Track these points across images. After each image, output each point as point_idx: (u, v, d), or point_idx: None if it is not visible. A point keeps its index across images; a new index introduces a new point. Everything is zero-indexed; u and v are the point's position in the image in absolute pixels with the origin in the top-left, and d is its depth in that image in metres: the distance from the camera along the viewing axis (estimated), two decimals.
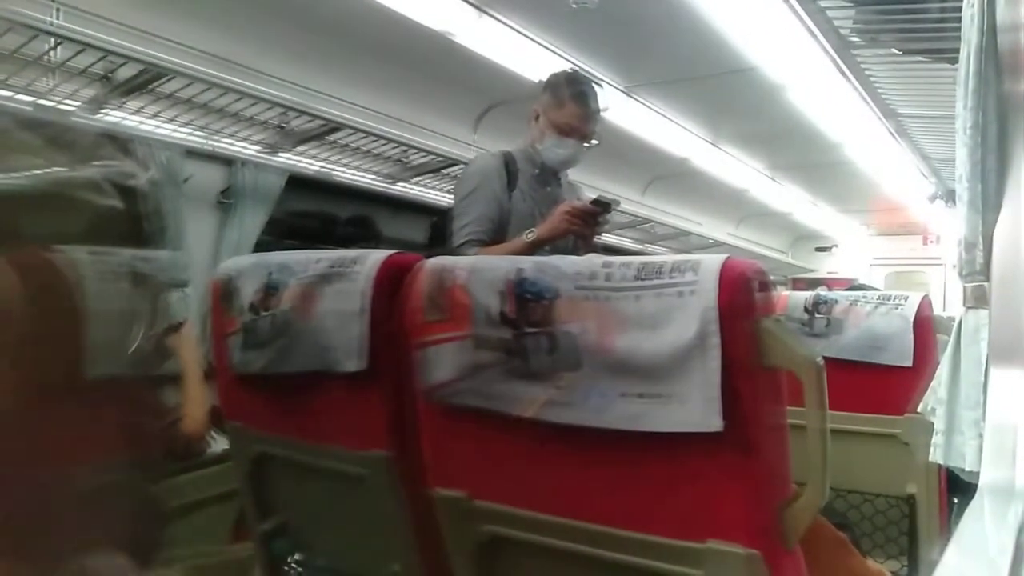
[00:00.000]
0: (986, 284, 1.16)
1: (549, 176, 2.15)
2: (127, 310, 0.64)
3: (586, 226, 1.94)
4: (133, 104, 2.30)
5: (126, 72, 2.16)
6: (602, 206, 1.95)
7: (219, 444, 1.97)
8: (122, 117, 2.30)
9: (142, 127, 2.35)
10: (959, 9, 1.17)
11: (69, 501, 0.59)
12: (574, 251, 2.01)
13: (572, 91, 2.05)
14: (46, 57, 2.04)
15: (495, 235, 2.00)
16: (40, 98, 2.10)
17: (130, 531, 0.67)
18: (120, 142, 0.70)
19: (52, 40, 1.99)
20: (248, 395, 1.37)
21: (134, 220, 0.67)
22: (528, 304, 0.98)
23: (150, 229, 0.71)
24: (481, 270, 1.04)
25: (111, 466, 0.63)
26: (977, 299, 1.18)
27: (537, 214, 2.06)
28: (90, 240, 0.62)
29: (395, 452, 1.17)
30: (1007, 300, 1.11)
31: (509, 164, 2.08)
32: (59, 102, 2.15)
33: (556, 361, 0.96)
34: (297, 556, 1.37)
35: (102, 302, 0.60)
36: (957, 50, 1.17)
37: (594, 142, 2.10)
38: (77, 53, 2.02)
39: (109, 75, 2.17)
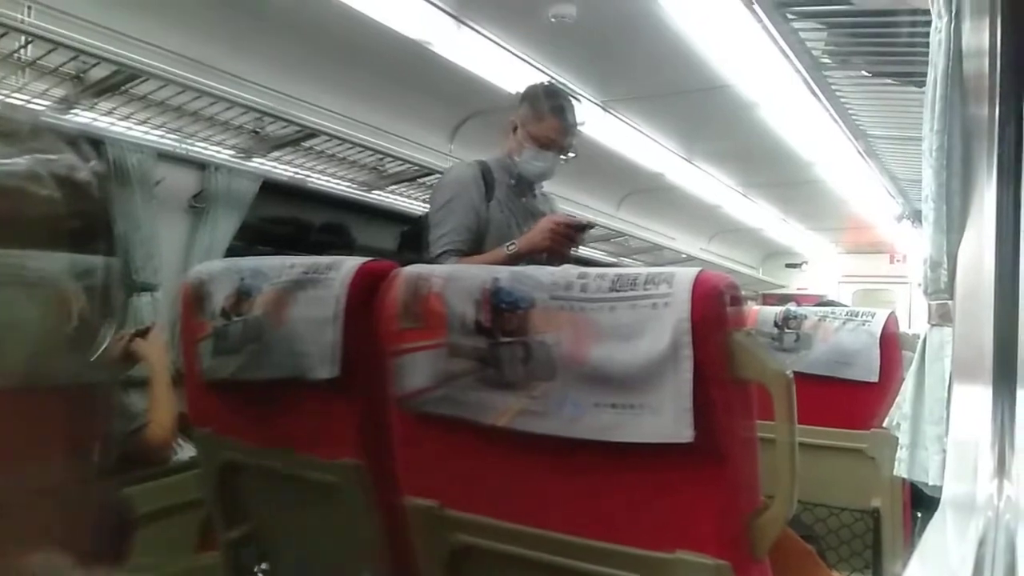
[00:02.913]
0: (950, 302, 1.18)
1: (525, 187, 2.16)
2: (31, 316, 0.62)
3: (565, 243, 1.96)
4: (105, 105, 2.27)
5: (98, 72, 2.13)
6: (581, 228, 1.98)
7: (186, 451, 1.94)
8: (93, 118, 2.27)
9: (114, 128, 2.32)
10: (927, 35, 1.20)
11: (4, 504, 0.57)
12: (548, 263, 2.02)
13: (551, 104, 2.07)
14: (16, 55, 2.01)
15: (472, 245, 2.00)
16: (9, 96, 2.06)
17: (90, 538, 0.66)
18: (64, 134, 0.67)
19: (23, 38, 1.95)
20: (217, 401, 1.35)
21: (75, 215, 0.65)
22: (503, 313, 0.98)
23: (95, 225, 0.69)
24: (457, 279, 1.04)
25: (57, 470, 0.62)
26: (941, 317, 1.21)
27: (514, 224, 2.06)
28: (23, 234, 0.60)
29: (367, 460, 1.16)
30: (970, 318, 1.14)
31: (486, 174, 2.08)
32: (29, 101, 2.11)
33: (530, 371, 0.96)
34: (264, 565, 1.35)
35: None
36: (925, 74, 1.20)
37: (571, 155, 2.12)
38: (48, 52, 1.99)
39: (81, 75, 2.14)
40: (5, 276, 0.58)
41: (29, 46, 2.00)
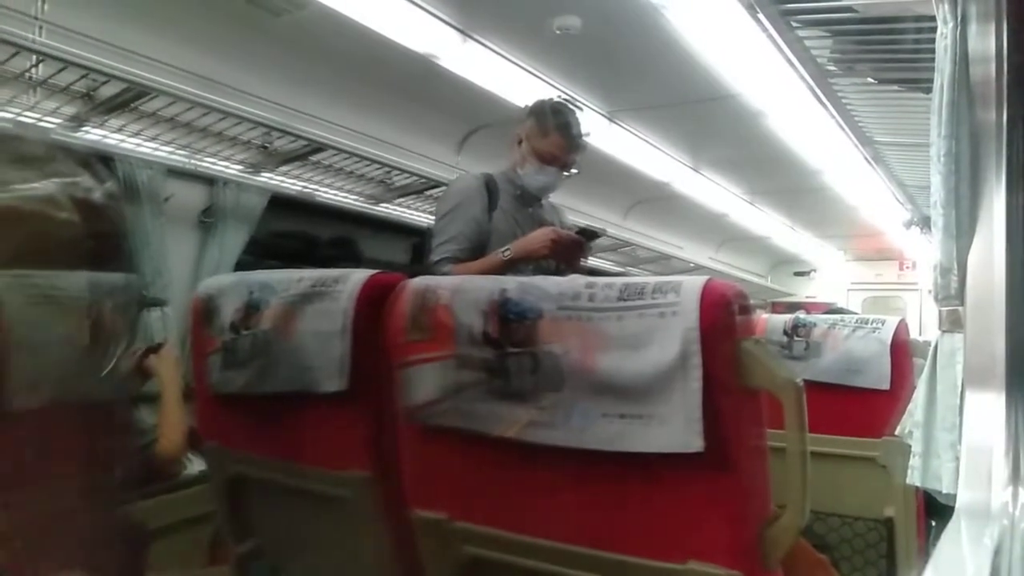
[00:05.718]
0: (961, 308, 1.17)
1: (531, 197, 2.17)
2: (59, 334, 0.62)
3: (568, 254, 1.95)
4: (115, 122, 2.29)
5: (109, 90, 2.15)
6: (587, 236, 1.97)
7: (195, 466, 1.94)
8: (104, 135, 2.29)
9: (124, 145, 2.34)
10: (933, 40, 1.20)
11: (27, 523, 0.57)
12: (557, 273, 2.02)
13: (556, 121, 2.07)
14: (28, 74, 2.03)
15: (472, 254, 2.00)
16: (21, 114, 2.09)
17: (106, 554, 0.66)
18: (79, 155, 0.68)
19: (34, 57, 1.98)
20: (227, 415, 1.35)
21: (92, 236, 0.66)
22: (511, 324, 0.98)
23: (111, 245, 0.69)
24: (465, 290, 1.04)
25: (78, 489, 0.62)
26: (952, 323, 1.20)
27: (519, 234, 2.07)
28: (45, 257, 0.60)
29: (375, 473, 1.15)
30: (981, 324, 1.13)
31: (490, 184, 2.09)
32: (40, 119, 2.13)
33: (538, 381, 0.96)
34: None
35: (25, 327, 0.58)
36: (931, 80, 1.20)
37: (574, 171, 2.12)
38: (59, 71, 2.01)
39: (91, 93, 2.16)
40: (32, 297, 0.58)
41: (40, 65, 2.02)
